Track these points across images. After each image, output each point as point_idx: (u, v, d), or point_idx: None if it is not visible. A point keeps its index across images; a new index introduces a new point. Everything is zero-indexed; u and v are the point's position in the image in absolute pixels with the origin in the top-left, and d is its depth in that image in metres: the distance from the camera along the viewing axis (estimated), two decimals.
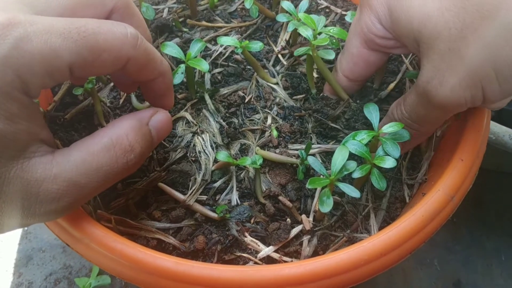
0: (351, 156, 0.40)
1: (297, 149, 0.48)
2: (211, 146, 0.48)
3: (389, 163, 0.39)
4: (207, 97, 0.51)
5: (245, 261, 0.42)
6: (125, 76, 0.38)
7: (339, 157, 0.40)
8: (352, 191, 0.40)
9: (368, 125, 0.48)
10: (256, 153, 0.47)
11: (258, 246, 0.42)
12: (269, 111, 0.51)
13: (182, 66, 0.49)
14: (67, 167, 0.32)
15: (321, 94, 0.52)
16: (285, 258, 0.42)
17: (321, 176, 0.41)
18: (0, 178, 0.30)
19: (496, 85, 0.34)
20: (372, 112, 0.42)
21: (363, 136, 0.41)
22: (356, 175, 0.40)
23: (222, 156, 0.45)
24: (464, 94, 0.36)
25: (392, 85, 0.53)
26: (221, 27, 0.59)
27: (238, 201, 0.45)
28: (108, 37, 0.33)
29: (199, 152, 0.48)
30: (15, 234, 0.74)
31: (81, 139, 0.35)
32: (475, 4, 0.32)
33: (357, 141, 0.41)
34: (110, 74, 0.45)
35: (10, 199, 0.30)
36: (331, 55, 0.48)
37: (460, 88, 0.35)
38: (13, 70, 0.29)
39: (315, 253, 0.43)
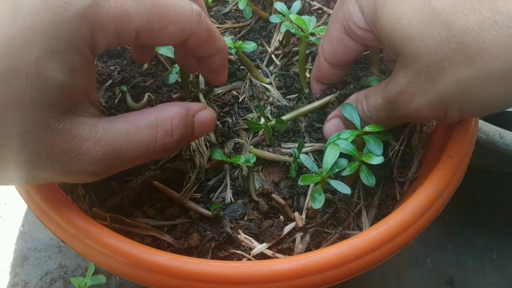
0: (343, 155, 0.41)
1: (290, 148, 0.48)
2: (205, 145, 0.49)
3: (376, 159, 0.40)
4: (201, 97, 0.52)
5: (239, 258, 0.43)
6: (187, 51, 0.40)
7: (331, 155, 0.40)
8: (343, 188, 0.40)
9: None
10: (249, 152, 0.48)
11: (252, 243, 0.43)
12: None
13: (177, 66, 0.49)
14: (111, 133, 0.33)
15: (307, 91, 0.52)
16: (278, 255, 0.43)
17: (313, 174, 0.41)
18: (50, 127, 0.30)
19: (457, 113, 0.37)
20: (350, 112, 0.43)
21: (347, 135, 0.42)
22: (345, 173, 0.41)
23: (216, 154, 0.45)
24: (428, 113, 0.38)
25: None
26: None
27: (232, 199, 0.46)
28: (177, 10, 0.35)
29: (194, 150, 0.48)
30: (11, 234, 0.74)
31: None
32: (460, 42, 0.33)
33: (344, 140, 0.41)
34: (173, 46, 0.47)
35: (53, 150, 0.31)
36: None
37: (427, 108, 0.37)
38: (88, 25, 0.31)
39: (307, 250, 0.43)
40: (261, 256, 0.43)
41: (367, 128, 0.42)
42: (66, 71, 0.30)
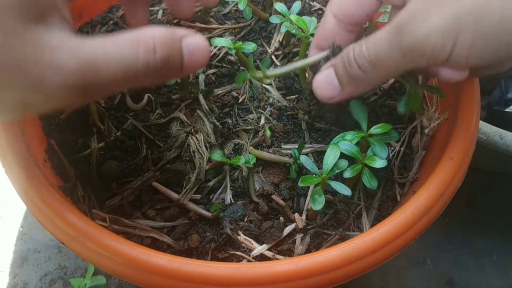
0: (344, 155, 0.41)
1: (290, 149, 0.48)
2: (205, 146, 0.49)
3: (379, 163, 0.40)
4: (201, 98, 0.52)
5: (239, 259, 0.43)
6: None
7: (331, 156, 0.40)
8: (343, 189, 0.40)
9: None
10: (249, 153, 0.48)
11: (252, 244, 0.43)
12: (263, 111, 0.51)
13: None
14: (87, 46, 0.30)
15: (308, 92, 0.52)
16: (278, 256, 0.43)
17: (313, 175, 0.41)
18: (16, 35, 0.28)
19: (467, 45, 0.34)
20: (357, 111, 0.43)
21: (352, 137, 0.42)
22: (347, 175, 0.41)
23: (216, 155, 0.45)
24: (435, 41, 0.35)
25: (392, 80, 0.53)
26: (215, 29, 0.59)
27: (232, 200, 0.46)
28: None
29: (193, 151, 0.48)
30: (11, 235, 0.74)
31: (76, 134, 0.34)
32: None
33: (348, 142, 0.41)
34: None
35: (22, 61, 0.28)
36: None
37: (436, 34, 0.34)
38: None
39: (308, 251, 0.43)
40: (261, 257, 0.43)
41: (372, 130, 0.41)
42: None
